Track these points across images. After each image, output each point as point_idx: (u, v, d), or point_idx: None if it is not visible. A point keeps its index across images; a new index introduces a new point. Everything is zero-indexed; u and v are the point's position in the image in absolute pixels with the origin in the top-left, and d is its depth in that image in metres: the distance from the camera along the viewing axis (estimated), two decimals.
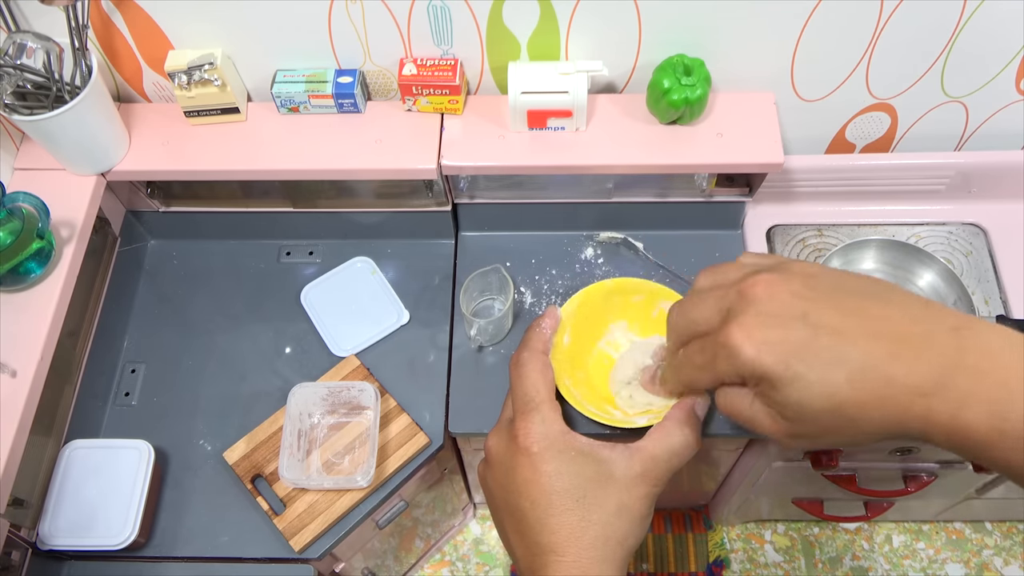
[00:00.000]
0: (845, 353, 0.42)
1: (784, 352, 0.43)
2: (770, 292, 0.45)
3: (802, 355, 0.43)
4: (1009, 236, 1.03)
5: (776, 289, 0.45)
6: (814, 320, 0.43)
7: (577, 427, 0.55)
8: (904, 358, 0.41)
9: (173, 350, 0.99)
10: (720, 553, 1.46)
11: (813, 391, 0.43)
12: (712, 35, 0.86)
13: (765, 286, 0.45)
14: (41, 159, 0.89)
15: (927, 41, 0.86)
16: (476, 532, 1.49)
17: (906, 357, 0.41)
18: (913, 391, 0.41)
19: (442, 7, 0.83)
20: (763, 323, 0.44)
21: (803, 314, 0.43)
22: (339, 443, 0.90)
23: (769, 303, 0.44)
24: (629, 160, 0.89)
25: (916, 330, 0.42)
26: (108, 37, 0.88)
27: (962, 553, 1.47)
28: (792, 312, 0.44)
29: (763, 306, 0.44)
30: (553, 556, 0.49)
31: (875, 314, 0.43)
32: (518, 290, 1.00)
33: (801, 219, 1.06)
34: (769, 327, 0.44)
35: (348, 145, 0.90)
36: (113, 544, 0.82)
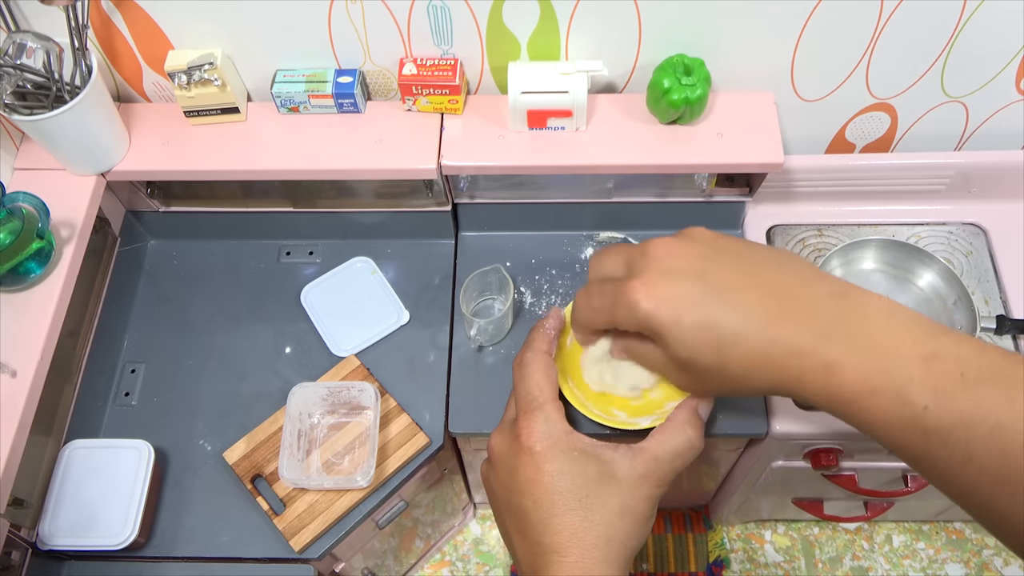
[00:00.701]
0: (735, 312, 0.45)
1: (678, 307, 0.46)
2: (671, 251, 0.49)
3: (694, 311, 0.46)
4: (1009, 236, 1.03)
5: (677, 250, 0.49)
6: (710, 279, 0.47)
7: (580, 428, 0.55)
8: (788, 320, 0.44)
9: (173, 350, 0.99)
10: (720, 553, 1.46)
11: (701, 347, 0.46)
12: (712, 35, 0.86)
13: (667, 246, 0.49)
14: (41, 159, 0.89)
15: (927, 41, 0.86)
16: (476, 532, 1.49)
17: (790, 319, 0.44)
18: (791, 352, 0.44)
19: (442, 7, 0.83)
20: (661, 279, 0.47)
21: (700, 273, 0.47)
22: (339, 443, 0.90)
23: (670, 261, 0.48)
24: (629, 160, 0.89)
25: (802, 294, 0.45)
26: (108, 37, 0.88)
27: (962, 553, 1.47)
28: (690, 271, 0.47)
29: (664, 263, 0.48)
30: (555, 556, 0.49)
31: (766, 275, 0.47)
32: (518, 290, 1.00)
33: (801, 219, 1.06)
34: (667, 283, 0.47)
35: (348, 145, 0.90)
36: (113, 544, 0.82)
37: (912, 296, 0.99)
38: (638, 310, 0.47)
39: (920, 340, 0.41)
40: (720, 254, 0.48)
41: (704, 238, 0.50)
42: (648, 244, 0.50)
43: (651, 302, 0.47)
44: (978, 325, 0.91)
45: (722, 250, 0.49)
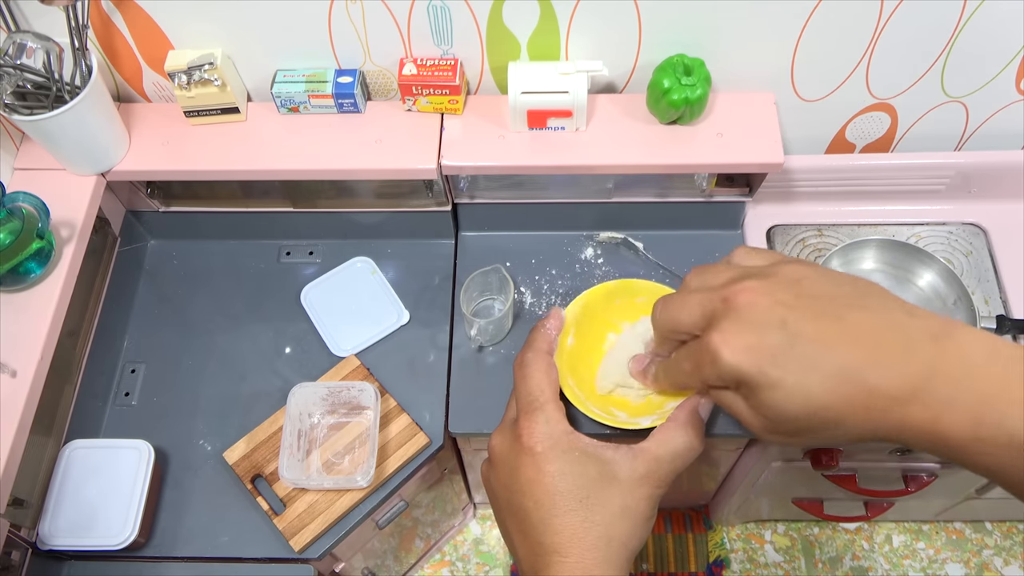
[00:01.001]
0: (820, 360, 0.43)
1: (761, 358, 0.44)
2: (752, 300, 0.46)
3: (778, 361, 0.44)
4: (1009, 236, 1.03)
5: (758, 296, 0.46)
6: (793, 327, 0.44)
7: (580, 428, 0.55)
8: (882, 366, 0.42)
9: (173, 350, 0.99)
10: (720, 553, 1.46)
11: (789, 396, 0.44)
12: (712, 35, 0.86)
13: (748, 294, 0.46)
14: (41, 159, 0.89)
15: (927, 41, 0.86)
16: (476, 532, 1.49)
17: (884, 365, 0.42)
18: (891, 399, 0.42)
19: (442, 7, 0.83)
20: (743, 330, 0.45)
21: (782, 321, 0.45)
22: (339, 443, 0.90)
23: (750, 311, 0.46)
24: (629, 160, 0.89)
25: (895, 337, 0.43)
26: (108, 37, 0.88)
27: (962, 553, 1.47)
28: (772, 319, 0.45)
29: (744, 313, 0.46)
30: (556, 556, 0.49)
31: (855, 321, 0.44)
32: (518, 290, 1.00)
33: (801, 219, 1.06)
34: (748, 334, 0.45)
35: (348, 145, 0.90)
36: (113, 544, 0.82)
37: (912, 296, 0.99)
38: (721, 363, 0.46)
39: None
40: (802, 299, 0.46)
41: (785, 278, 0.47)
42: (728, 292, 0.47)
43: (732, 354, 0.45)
44: (978, 325, 0.91)
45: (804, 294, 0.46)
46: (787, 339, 0.44)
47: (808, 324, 0.44)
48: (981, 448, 0.40)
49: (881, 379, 0.42)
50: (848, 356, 0.43)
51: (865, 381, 0.42)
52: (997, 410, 0.39)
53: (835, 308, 0.45)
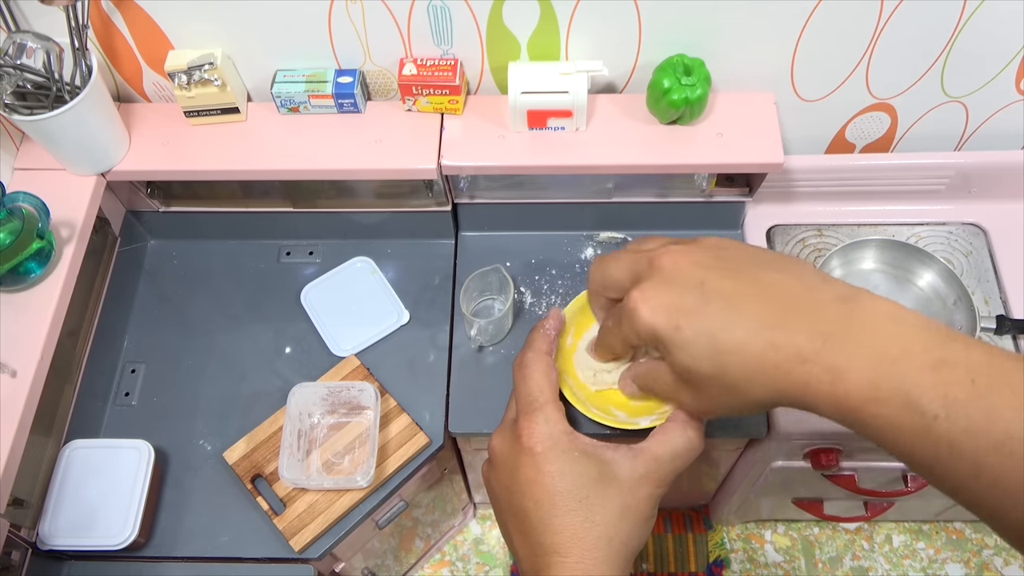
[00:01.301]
0: (732, 318, 0.45)
1: (675, 315, 0.46)
2: (674, 261, 0.48)
3: (691, 318, 0.46)
4: (1009, 236, 1.03)
5: (680, 259, 0.48)
6: (710, 287, 0.46)
7: (580, 428, 0.55)
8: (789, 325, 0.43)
9: (173, 350, 0.99)
10: (720, 553, 1.46)
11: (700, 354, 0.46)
12: (712, 35, 0.86)
13: (671, 255, 0.49)
14: (41, 159, 0.89)
15: (927, 41, 0.86)
16: (476, 532, 1.49)
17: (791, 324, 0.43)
18: (794, 357, 0.43)
19: (442, 7, 0.83)
20: (661, 288, 0.47)
21: (700, 281, 0.47)
22: (339, 443, 0.90)
23: (672, 271, 0.48)
24: (629, 160, 0.89)
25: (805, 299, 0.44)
26: (108, 37, 0.88)
27: (962, 553, 1.47)
28: (690, 279, 0.47)
29: (665, 273, 0.48)
30: (556, 557, 0.49)
31: (768, 281, 0.46)
32: (518, 290, 1.00)
33: (801, 219, 1.06)
34: (665, 292, 0.47)
35: (348, 145, 0.90)
36: (113, 544, 0.82)
37: (912, 296, 0.99)
38: (638, 319, 0.48)
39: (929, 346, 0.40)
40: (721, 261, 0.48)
41: (708, 245, 0.50)
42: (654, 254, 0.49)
43: (650, 311, 0.47)
44: (978, 325, 0.91)
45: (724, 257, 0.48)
46: (702, 297, 0.46)
47: (723, 283, 0.46)
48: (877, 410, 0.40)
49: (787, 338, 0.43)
50: (758, 315, 0.44)
51: (772, 339, 0.43)
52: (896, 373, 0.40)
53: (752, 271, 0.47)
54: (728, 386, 0.46)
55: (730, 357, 0.44)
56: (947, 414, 0.38)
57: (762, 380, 0.44)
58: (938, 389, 0.38)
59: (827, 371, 0.41)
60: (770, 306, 0.44)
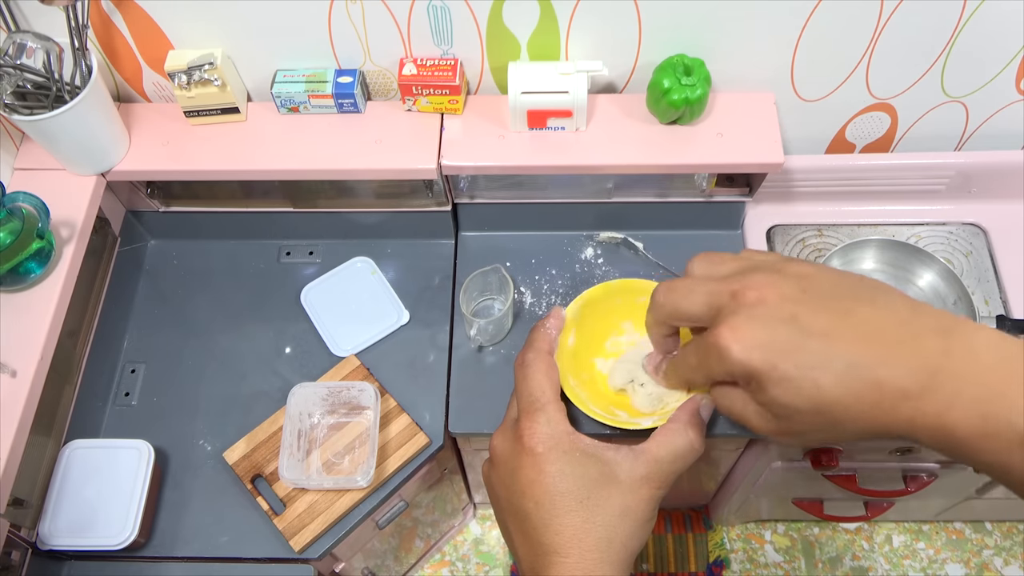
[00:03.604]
0: (831, 356, 0.43)
1: (771, 353, 0.44)
2: (761, 295, 0.46)
3: (788, 357, 0.44)
4: (1009, 236, 1.03)
5: (767, 291, 0.46)
6: (802, 323, 0.44)
7: (581, 428, 0.55)
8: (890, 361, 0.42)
9: (173, 350, 0.99)
10: (720, 553, 1.46)
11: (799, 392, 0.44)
12: (712, 35, 0.86)
13: (757, 289, 0.46)
14: (41, 159, 0.89)
15: (927, 41, 0.86)
16: (476, 532, 1.49)
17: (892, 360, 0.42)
18: (899, 394, 0.42)
19: (442, 7, 0.83)
20: (752, 325, 0.45)
21: (792, 316, 0.45)
22: (339, 443, 0.90)
23: (760, 306, 0.46)
24: (629, 160, 0.89)
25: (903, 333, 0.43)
26: (108, 37, 0.88)
27: (962, 553, 1.47)
28: (781, 314, 0.45)
29: (754, 309, 0.46)
30: (556, 557, 0.49)
31: (863, 317, 0.44)
32: (518, 290, 1.00)
33: (801, 219, 1.06)
34: (758, 329, 0.45)
35: (348, 145, 0.90)
36: (113, 544, 0.82)
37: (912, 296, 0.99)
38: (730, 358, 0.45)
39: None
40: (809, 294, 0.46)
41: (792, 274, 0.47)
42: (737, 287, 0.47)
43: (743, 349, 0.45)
44: None
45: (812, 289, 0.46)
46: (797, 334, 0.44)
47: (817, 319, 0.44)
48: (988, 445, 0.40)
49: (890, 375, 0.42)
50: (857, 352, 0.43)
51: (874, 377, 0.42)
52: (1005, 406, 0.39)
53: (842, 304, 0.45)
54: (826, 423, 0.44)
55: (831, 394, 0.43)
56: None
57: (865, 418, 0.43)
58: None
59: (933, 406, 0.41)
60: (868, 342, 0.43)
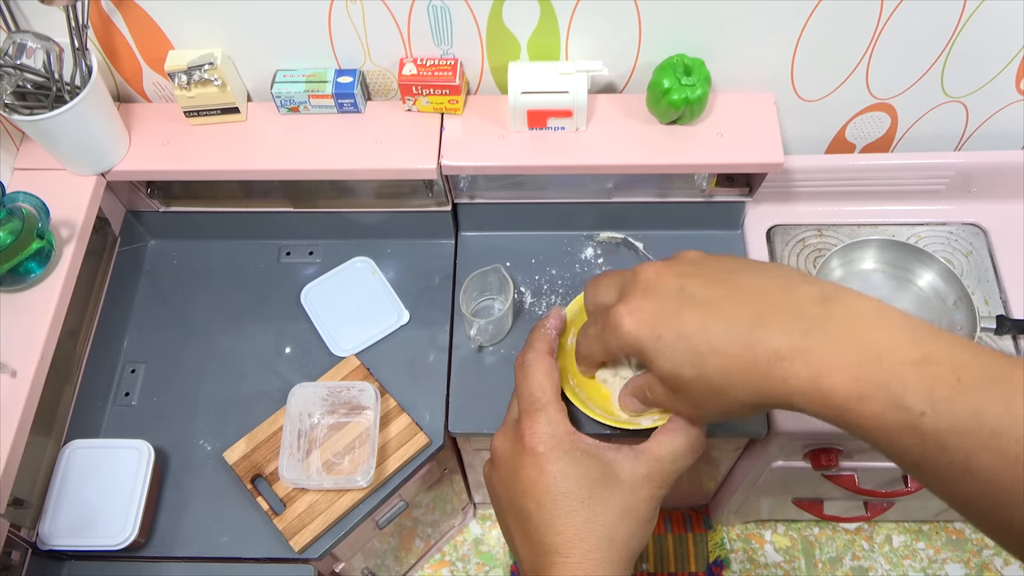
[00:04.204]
0: (710, 322, 0.45)
1: (655, 323, 0.47)
2: (656, 272, 0.50)
3: (670, 326, 0.47)
4: (1009, 236, 1.03)
5: (662, 270, 0.50)
6: (688, 293, 0.47)
7: (582, 428, 0.55)
8: (767, 324, 0.43)
9: (173, 350, 0.99)
10: (720, 553, 1.46)
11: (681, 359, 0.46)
12: (712, 35, 0.86)
13: (652, 268, 0.50)
14: (41, 159, 0.89)
15: (927, 41, 0.86)
16: (476, 532, 1.49)
17: (769, 323, 0.43)
18: (773, 355, 0.43)
19: (442, 7, 0.83)
20: (643, 300, 0.49)
21: (679, 289, 0.48)
22: (339, 443, 0.90)
23: (654, 282, 0.49)
24: (629, 160, 0.89)
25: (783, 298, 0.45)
26: (108, 37, 0.88)
27: (962, 553, 1.47)
28: (671, 288, 0.48)
29: (647, 284, 0.49)
30: (558, 557, 0.49)
31: (748, 285, 0.46)
32: (518, 290, 1.00)
33: (801, 219, 1.06)
34: (648, 303, 0.48)
35: (348, 145, 0.90)
36: (113, 544, 0.82)
37: (912, 296, 0.99)
38: (622, 331, 0.49)
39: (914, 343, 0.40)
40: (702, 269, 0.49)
41: (690, 258, 0.51)
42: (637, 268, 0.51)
43: (634, 322, 0.48)
44: (978, 325, 0.91)
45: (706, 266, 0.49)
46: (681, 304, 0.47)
47: (702, 289, 0.47)
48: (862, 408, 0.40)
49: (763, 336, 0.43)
50: (735, 316, 0.45)
51: (748, 338, 0.44)
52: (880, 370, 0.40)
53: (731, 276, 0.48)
54: (712, 389, 0.46)
55: (709, 359, 0.45)
56: (933, 410, 0.38)
57: (743, 380, 0.44)
58: (923, 386, 0.38)
59: (807, 368, 0.41)
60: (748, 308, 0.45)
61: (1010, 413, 0.36)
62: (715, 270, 0.49)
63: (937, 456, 0.38)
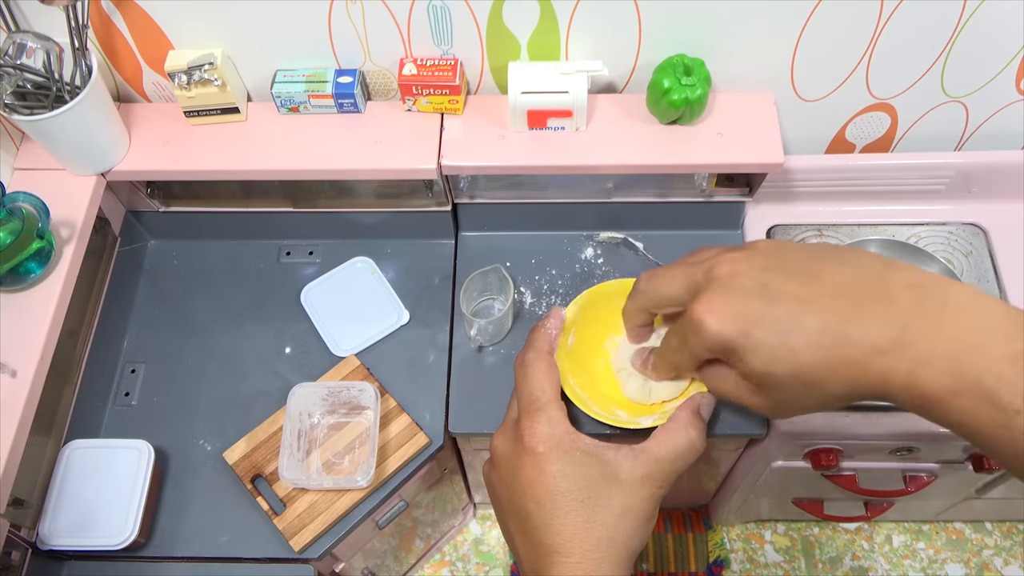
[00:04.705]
0: (802, 318, 0.44)
1: (744, 322, 0.45)
2: (733, 269, 0.47)
3: (761, 324, 0.45)
4: (1009, 236, 1.03)
5: (739, 266, 0.47)
6: (773, 290, 0.45)
7: (582, 428, 0.55)
8: (861, 318, 0.42)
9: (173, 350, 0.99)
10: (720, 553, 1.46)
11: (775, 357, 0.44)
12: (712, 35, 0.86)
13: (729, 263, 0.48)
14: (41, 159, 0.89)
15: (927, 41, 0.86)
16: (476, 532, 1.49)
17: (864, 317, 0.42)
18: (871, 350, 0.41)
19: (442, 7, 0.83)
20: (725, 297, 0.46)
21: (763, 285, 0.46)
22: (339, 443, 0.90)
23: (732, 279, 0.47)
24: (629, 160, 0.89)
25: (874, 289, 0.43)
26: (108, 37, 0.88)
27: (962, 553, 1.47)
28: (752, 285, 0.46)
29: (726, 282, 0.47)
30: (558, 557, 0.49)
31: (833, 277, 0.45)
32: (518, 290, 1.00)
33: (801, 219, 1.06)
34: (730, 301, 0.46)
35: (348, 145, 0.90)
36: (113, 544, 0.82)
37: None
38: (706, 332, 0.46)
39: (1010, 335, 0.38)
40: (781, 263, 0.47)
41: (764, 249, 0.48)
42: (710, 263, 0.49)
43: (718, 321, 0.46)
44: None
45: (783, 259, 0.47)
46: (768, 301, 0.45)
47: (787, 285, 0.45)
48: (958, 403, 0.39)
49: (861, 331, 0.42)
50: (827, 311, 0.43)
51: (845, 334, 0.42)
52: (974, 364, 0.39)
53: (812, 268, 0.46)
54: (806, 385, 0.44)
55: (805, 356, 0.43)
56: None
57: (840, 376, 0.43)
58: (1019, 383, 0.37)
59: (905, 362, 0.40)
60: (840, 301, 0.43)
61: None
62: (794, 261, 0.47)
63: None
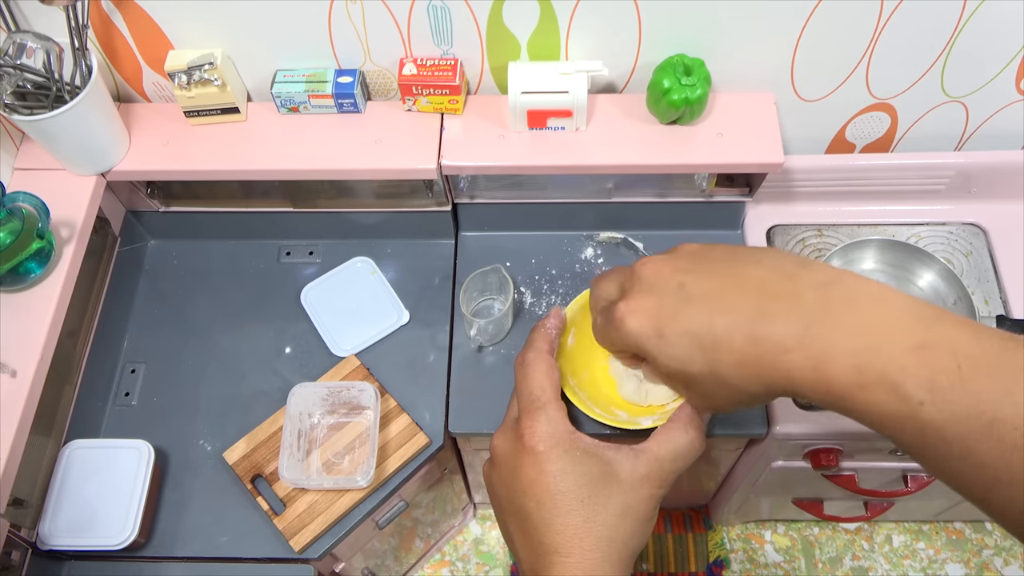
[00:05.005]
0: (712, 316, 0.45)
1: (658, 321, 0.47)
2: (655, 269, 0.49)
3: (673, 322, 0.46)
4: (1009, 236, 1.03)
5: (661, 267, 0.49)
6: (689, 289, 0.47)
7: (582, 428, 0.55)
8: (769, 316, 0.43)
9: (173, 350, 0.99)
10: (720, 553, 1.46)
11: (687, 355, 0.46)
12: (712, 35, 0.86)
13: (652, 265, 0.50)
14: (41, 159, 0.89)
15: (927, 41, 0.86)
16: (476, 532, 1.49)
17: (772, 315, 0.43)
18: (777, 348, 0.42)
19: (442, 7, 0.83)
20: (644, 298, 0.48)
21: (679, 285, 0.47)
22: (339, 443, 0.90)
23: (653, 279, 0.49)
24: (629, 160, 0.89)
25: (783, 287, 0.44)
26: (108, 37, 0.88)
27: (962, 553, 1.47)
28: (670, 284, 0.48)
29: (648, 283, 0.49)
30: (557, 556, 0.49)
31: (748, 276, 0.46)
32: (518, 290, 1.00)
33: (801, 219, 1.06)
34: (648, 300, 0.48)
35: (348, 145, 0.90)
36: (113, 544, 0.82)
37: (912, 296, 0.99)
38: (624, 330, 0.48)
39: (914, 328, 0.39)
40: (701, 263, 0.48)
41: (688, 251, 0.50)
42: (636, 265, 0.51)
43: (633, 321, 0.48)
44: None
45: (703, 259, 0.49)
46: (683, 301, 0.46)
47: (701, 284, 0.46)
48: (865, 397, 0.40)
49: (767, 329, 0.43)
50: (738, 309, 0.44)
51: (753, 332, 0.43)
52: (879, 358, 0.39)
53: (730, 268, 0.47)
54: (721, 383, 0.46)
55: (715, 354, 0.45)
56: (932, 399, 0.38)
57: (749, 373, 0.44)
58: (922, 375, 0.38)
59: (810, 359, 0.41)
60: (749, 299, 0.44)
61: (1010, 400, 0.36)
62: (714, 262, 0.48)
63: (936, 444, 0.38)
